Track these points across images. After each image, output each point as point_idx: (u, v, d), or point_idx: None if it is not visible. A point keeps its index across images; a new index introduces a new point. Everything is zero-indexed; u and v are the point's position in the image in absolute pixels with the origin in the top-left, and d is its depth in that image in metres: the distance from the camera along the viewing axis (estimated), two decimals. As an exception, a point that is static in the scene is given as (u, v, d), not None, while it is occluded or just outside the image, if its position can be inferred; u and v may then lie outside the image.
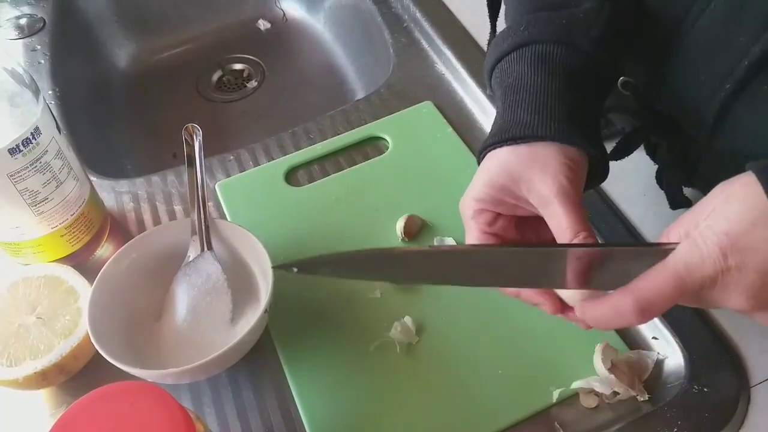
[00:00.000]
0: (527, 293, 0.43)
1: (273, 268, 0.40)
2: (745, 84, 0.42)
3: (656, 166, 0.60)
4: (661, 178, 0.59)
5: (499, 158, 0.43)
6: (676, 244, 0.36)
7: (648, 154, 0.62)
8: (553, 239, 0.41)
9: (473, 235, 0.44)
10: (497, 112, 0.46)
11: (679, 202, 0.57)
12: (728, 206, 0.34)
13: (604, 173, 0.46)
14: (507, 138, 0.43)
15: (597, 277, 0.38)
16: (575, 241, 0.40)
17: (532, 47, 0.46)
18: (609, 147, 0.58)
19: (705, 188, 0.56)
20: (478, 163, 0.46)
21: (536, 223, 0.44)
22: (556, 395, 0.49)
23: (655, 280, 0.36)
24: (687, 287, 0.35)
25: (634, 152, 0.59)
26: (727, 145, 0.47)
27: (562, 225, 0.40)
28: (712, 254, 0.34)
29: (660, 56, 0.48)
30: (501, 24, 0.54)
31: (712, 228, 0.34)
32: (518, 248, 0.40)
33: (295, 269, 0.38)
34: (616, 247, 0.38)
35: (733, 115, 0.45)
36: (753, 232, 0.33)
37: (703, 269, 0.34)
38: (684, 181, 0.56)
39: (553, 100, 0.44)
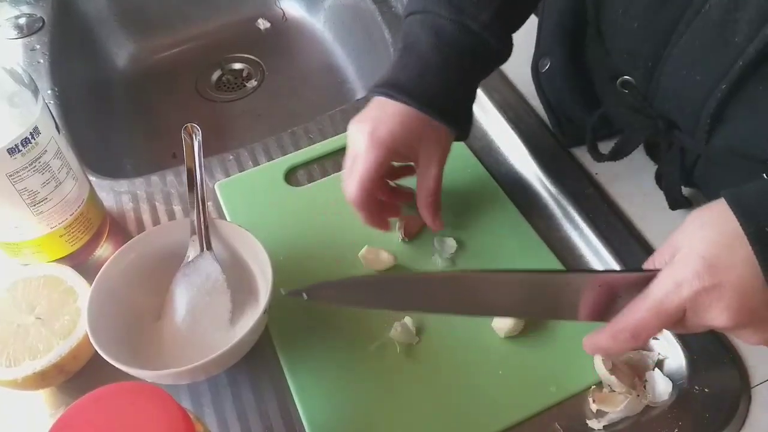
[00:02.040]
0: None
1: (285, 295, 0.45)
2: (740, 84, 0.42)
3: (656, 166, 0.60)
4: (660, 178, 0.59)
5: (404, 115, 0.51)
6: (658, 271, 0.39)
7: (648, 153, 0.62)
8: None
9: (370, 166, 0.51)
10: (394, 60, 0.55)
11: (678, 202, 0.57)
12: (703, 231, 0.38)
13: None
14: (396, 93, 0.52)
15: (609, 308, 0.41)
16: (428, 200, 0.54)
17: (432, 17, 0.53)
18: (608, 147, 0.59)
19: (703, 187, 0.57)
20: (367, 99, 0.54)
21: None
22: (556, 396, 0.49)
23: (636, 313, 0.39)
24: (668, 312, 0.38)
25: (635, 152, 0.59)
26: (723, 144, 0.47)
27: (430, 187, 0.54)
28: (687, 278, 0.37)
29: (657, 56, 0.48)
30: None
31: (690, 254, 0.37)
32: (529, 275, 0.43)
33: (305, 295, 0.44)
34: (607, 274, 0.42)
35: (729, 114, 0.45)
36: (729, 253, 0.36)
37: (680, 293, 0.37)
38: (683, 180, 0.56)
39: (435, 75, 0.52)
